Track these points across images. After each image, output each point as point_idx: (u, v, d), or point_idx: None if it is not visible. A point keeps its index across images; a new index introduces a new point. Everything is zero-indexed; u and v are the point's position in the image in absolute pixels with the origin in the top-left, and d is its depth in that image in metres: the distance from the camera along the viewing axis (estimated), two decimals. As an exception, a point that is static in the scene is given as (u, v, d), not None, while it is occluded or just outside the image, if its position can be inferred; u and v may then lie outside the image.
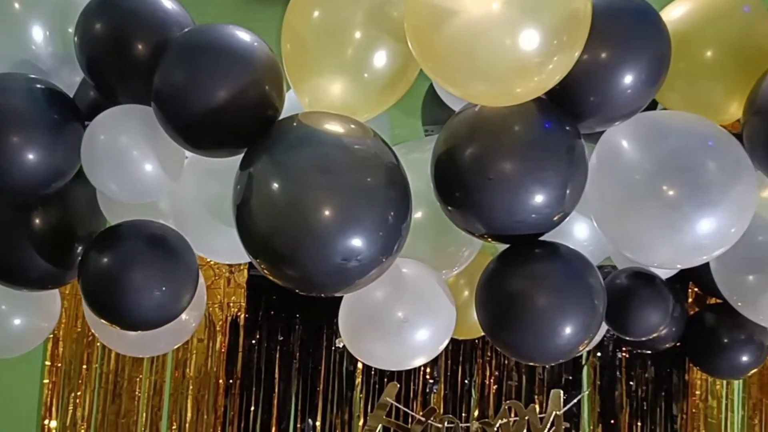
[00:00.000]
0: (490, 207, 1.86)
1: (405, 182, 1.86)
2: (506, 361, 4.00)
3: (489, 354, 4.02)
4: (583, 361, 4.02)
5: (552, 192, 1.84)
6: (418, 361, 2.19)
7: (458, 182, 1.88)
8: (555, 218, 1.92)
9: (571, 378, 4.01)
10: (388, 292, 2.07)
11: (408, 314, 2.06)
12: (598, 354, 4.01)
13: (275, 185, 1.76)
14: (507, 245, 2.02)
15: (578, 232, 2.38)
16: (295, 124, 1.88)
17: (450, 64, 1.68)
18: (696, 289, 3.18)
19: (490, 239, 2.01)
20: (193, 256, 2.25)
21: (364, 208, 1.75)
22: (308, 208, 1.72)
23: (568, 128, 1.89)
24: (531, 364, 3.71)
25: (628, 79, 1.85)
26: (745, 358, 2.92)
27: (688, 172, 1.89)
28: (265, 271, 1.86)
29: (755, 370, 2.96)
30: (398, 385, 3.11)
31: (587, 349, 3.00)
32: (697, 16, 2.05)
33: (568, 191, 1.87)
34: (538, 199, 1.84)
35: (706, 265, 2.29)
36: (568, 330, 1.88)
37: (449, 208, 1.95)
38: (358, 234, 1.72)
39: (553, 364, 3.77)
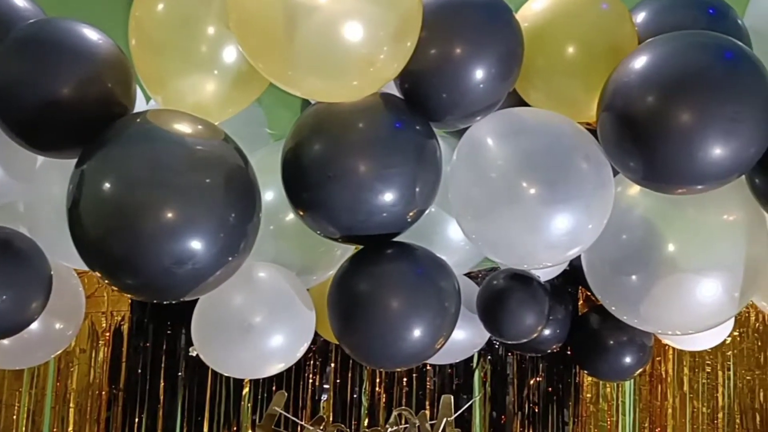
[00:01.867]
0: (332, 206, 1.81)
1: (250, 183, 1.79)
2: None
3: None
4: (474, 365, 4.00)
5: (399, 190, 1.80)
6: (275, 368, 2.12)
7: (303, 181, 1.82)
8: (408, 216, 1.88)
9: (462, 382, 3.99)
10: (239, 296, 2.00)
11: (261, 319, 1.99)
12: (489, 358, 3.99)
13: (105, 184, 1.66)
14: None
15: (453, 233, 2.35)
16: (138, 120, 1.79)
17: (279, 60, 1.63)
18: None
19: (346, 241, 1.95)
20: (43, 262, 2.15)
21: (200, 209, 1.66)
22: (138, 209, 1.63)
23: (418, 127, 1.86)
24: (378, 368, 3.67)
25: (479, 74, 1.83)
26: (628, 360, 2.91)
27: (542, 169, 1.87)
28: (103, 279, 1.77)
29: (640, 371, 2.99)
30: (286, 394, 3.05)
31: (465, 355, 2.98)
32: (555, 12, 2.02)
33: (417, 189, 1.83)
34: (386, 197, 1.79)
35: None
36: (415, 333, 1.83)
37: (299, 211, 1.89)
38: (193, 236, 1.64)
39: (401, 367, 3.71)
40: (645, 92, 1.68)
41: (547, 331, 2.94)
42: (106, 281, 1.77)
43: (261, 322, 2.00)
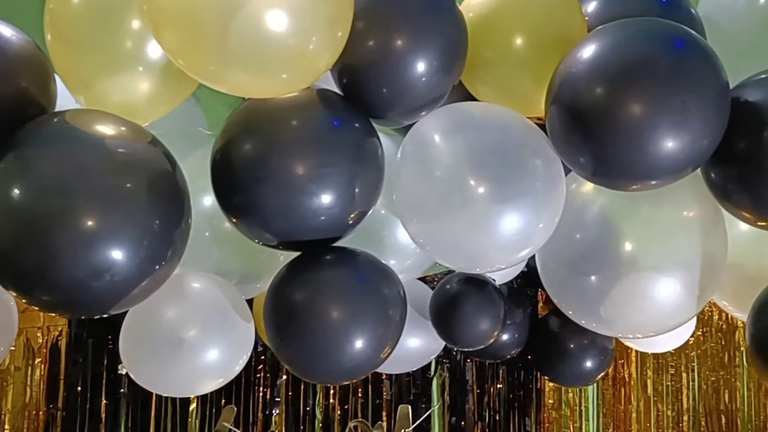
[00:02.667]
0: (265, 211, 1.72)
1: (177, 187, 1.70)
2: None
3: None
4: (432, 373, 3.93)
5: (336, 191, 1.72)
6: (211, 385, 2.02)
7: (233, 185, 1.73)
8: (349, 219, 1.80)
9: (419, 391, 3.91)
10: (169, 309, 1.91)
11: (193, 333, 1.89)
12: (447, 365, 3.93)
13: (14, 189, 1.54)
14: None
15: (404, 235, 2.27)
16: (54, 120, 1.69)
17: (202, 55, 1.53)
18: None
19: (283, 248, 1.86)
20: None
21: (119, 216, 1.56)
22: (49, 217, 1.51)
23: (356, 123, 1.79)
24: (319, 383, 3.57)
25: (420, 67, 1.75)
26: (589, 364, 2.85)
27: (489, 167, 1.81)
28: (18, 297, 1.66)
29: (602, 375, 2.93)
30: (236, 409, 2.96)
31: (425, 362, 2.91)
32: (500, 1, 1.96)
33: (356, 190, 1.76)
34: (322, 199, 1.71)
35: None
36: (356, 345, 1.74)
37: (231, 218, 1.80)
38: (111, 246, 1.54)
39: (343, 382, 3.62)
40: (592, 83, 1.62)
41: (505, 336, 2.89)
42: (21, 298, 1.66)
43: (193, 336, 1.91)
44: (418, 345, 2.77)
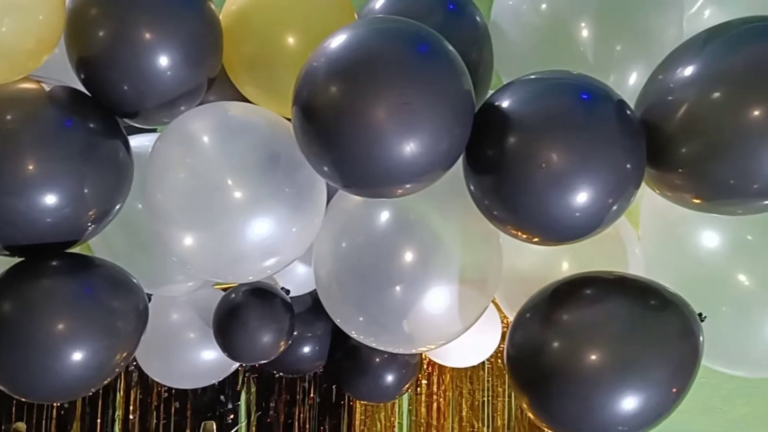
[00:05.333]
0: None
1: None
2: (154, 394, 3.70)
3: (133, 385, 3.69)
4: (239, 385, 3.81)
5: (60, 192, 1.60)
6: None
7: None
8: (87, 219, 1.69)
9: (226, 407, 3.79)
10: None
11: None
12: (255, 377, 3.82)
13: None
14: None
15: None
16: None
17: None
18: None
19: (13, 254, 1.72)
20: None
21: None
22: None
23: (90, 122, 1.69)
24: (38, 402, 3.41)
25: (162, 60, 1.67)
26: (389, 379, 2.79)
27: (236, 170, 1.75)
28: None
29: (406, 389, 2.87)
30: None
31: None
32: (267, -5, 1.89)
33: (86, 190, 1.65)
34: (44, 200, 1.59)
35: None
36: (72, 360, 1.61)
37: None
38: None
39: (62, 399, 3.48)
40: (327, 81, 1.53)
41: (305, 349, 2.79)
42: None
43: None
44: (213, 357, 2.65)
